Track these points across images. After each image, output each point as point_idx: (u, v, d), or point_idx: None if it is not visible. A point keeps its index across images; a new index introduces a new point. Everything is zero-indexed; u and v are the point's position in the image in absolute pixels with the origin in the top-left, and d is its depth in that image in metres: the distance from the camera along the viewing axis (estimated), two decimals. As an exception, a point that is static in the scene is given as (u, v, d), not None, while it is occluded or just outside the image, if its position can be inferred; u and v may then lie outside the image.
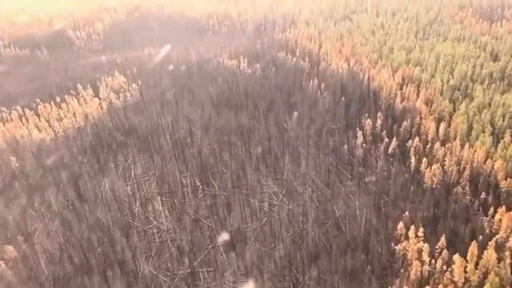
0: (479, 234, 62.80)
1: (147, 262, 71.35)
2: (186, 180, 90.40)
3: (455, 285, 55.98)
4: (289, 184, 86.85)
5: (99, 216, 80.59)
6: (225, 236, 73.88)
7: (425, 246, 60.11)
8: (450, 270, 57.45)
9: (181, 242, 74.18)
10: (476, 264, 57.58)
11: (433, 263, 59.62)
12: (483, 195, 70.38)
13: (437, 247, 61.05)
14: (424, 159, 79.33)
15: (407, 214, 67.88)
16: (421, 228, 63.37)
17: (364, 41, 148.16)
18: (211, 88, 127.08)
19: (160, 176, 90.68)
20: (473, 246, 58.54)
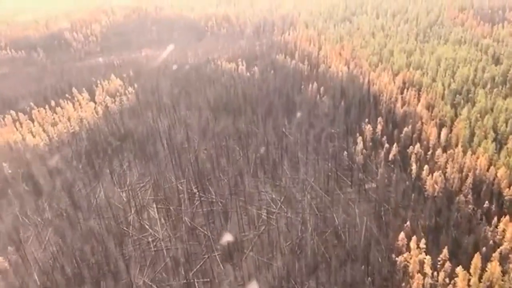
0: (483, 245, 61.01)
1: (141, 272, 69.73)
2: (182, 186, 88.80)
3: (458, 299, 54.33)
4: (288, 190, 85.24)
5: (93, 224, 79.11)
6: (222, 245, 72.17)
7: (427, 258, 58.33)
8: (453, 284, 55.73)
9: (177, 251, 72.50)
10: (480, 277, 55.84)
11: (435, 276, 57.84)
12: (486, 204, 68.57)
13: (439, 258, 59.34)
14: (426, 166, 77.54)
15: (408, 224, 66.05)
16: (423, 239, 61.49)
17: (364, 43, 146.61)
18: (209, 92, 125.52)
19: (156, 183, 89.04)
20: (476, 258, 56.75)
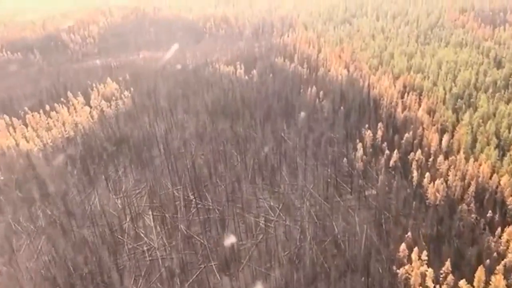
0: (486, 257, 59.29)
1: (136, 283, 68.14)
2: (178, 193, 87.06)
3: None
4: (286, 197, 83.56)
5: (88, 232, 77.37)
6: (219, 254, 70.48)
7: (429, 271, 56.61)
8: (456, 298, 54.14)
9: (172, 261, 70.83)
10: (484, 291, 54.26)
11: (438, 289, 56.25)
12: (489, 213, 66.88)
13: (442, 271, 57.61)
14: (427, 173, 75.81)
15: (409, 235, 64.31)
16: (425, 251, 59.76)
17: (364, 45, 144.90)
18: (207, 95, 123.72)
19: (151, 189, 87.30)
20: (480, 271, 55.08)
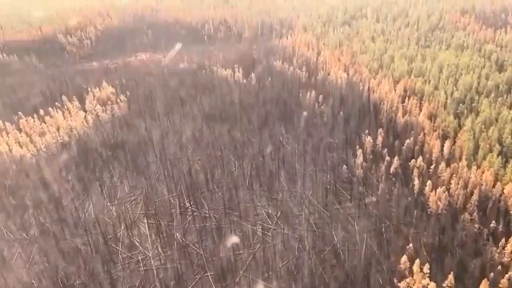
0: (490, 270, 57.51)
1: (129, 294, 66.23)
2: (174, 200, 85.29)
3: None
4: (285, 204, 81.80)
5: (81, 241, 75.51)
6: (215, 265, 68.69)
7: (431, 285, 54.79)
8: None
9: (167, 271, 68.95)
10: (488, 306, 52.50)
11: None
12: (493, 223, 65.07)
13: (444, 284, 55.79)
14: (429, 181, 74.02)
15: (411, 246, 62.49)
16: (427, 264, 57.91)
17: (364, 48, 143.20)
18: (204, 99, 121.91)
19: (147, 196, 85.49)
20: (484, 285, 53.34)
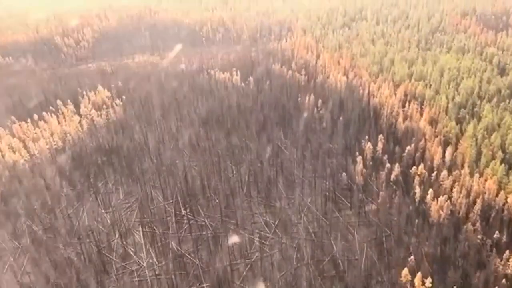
0: (494, 283, 55.71)
1: (123, 307, 64.43)
2: (170, 207, 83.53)
3: None
4: (283, 212, 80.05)
5: (74, 250, 73.65)
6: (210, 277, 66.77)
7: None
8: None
9: (162, 282, 67.11)
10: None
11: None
12: (496, 233, 63.25)
13: (447, 299, 54.12)
14: (430, 190, 72.19)
15: (412, 258, 60.67)
16: (429, 277, 56.09)
17: (364, 51, 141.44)
18: (201, 104, 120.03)
19: (142, 203, 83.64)
20: (488, 300, 51.59)
